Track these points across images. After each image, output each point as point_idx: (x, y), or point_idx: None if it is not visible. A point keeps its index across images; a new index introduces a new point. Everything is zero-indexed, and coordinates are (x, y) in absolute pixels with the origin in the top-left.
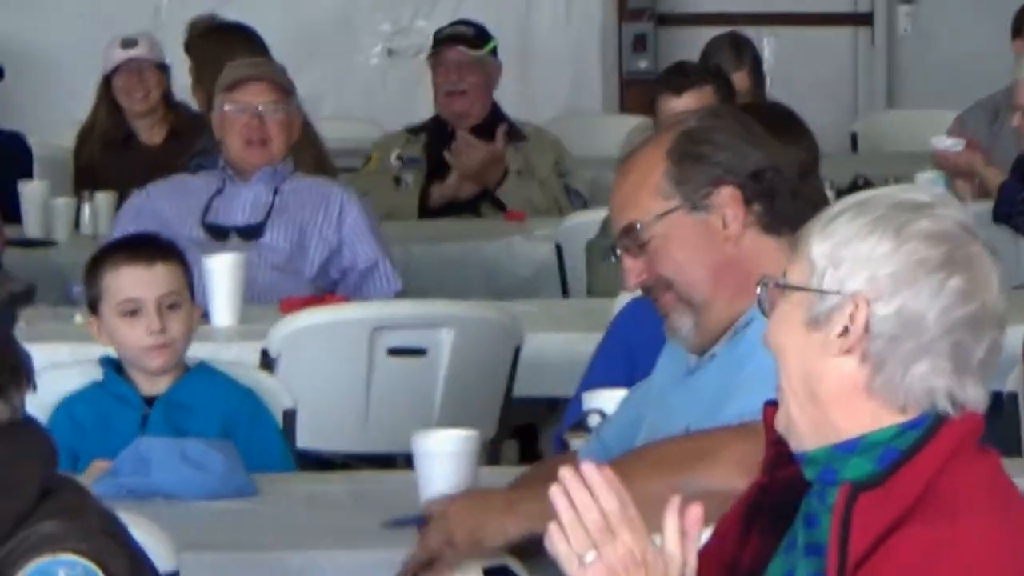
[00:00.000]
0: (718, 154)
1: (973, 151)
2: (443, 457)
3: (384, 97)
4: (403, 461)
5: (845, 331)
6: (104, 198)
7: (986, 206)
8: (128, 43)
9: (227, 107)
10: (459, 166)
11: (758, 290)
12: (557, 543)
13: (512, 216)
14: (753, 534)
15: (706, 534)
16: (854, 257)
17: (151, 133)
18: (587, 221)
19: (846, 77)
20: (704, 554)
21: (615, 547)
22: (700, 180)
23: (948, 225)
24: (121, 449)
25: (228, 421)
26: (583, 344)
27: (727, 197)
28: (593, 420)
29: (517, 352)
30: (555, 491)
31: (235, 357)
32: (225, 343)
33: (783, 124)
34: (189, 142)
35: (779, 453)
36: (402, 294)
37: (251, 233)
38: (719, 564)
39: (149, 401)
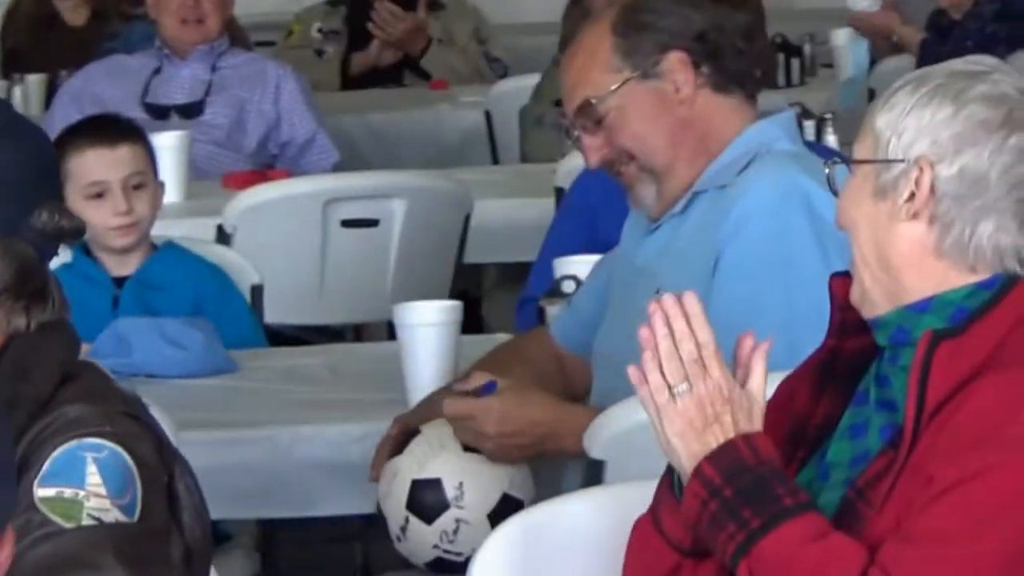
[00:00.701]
0: (662, 21)
1: (889, 11)
2: (428, 328)
3: None
4: (351, 333)
5: (911, 196)
6: (35, 80)
7: (906, 61)
8: None
9: None
10: (382, 35)
11: (826, 170)
12: (650, 371)
13: (436, 85)
14: (826, 394)
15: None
16: (916, 125)
17: (74, 14)
18: (516, 88)
19: None
20: (772, 408)
21: (706, 380)
22: (647, 49)
23: (1006, 88)
24: (94, 331)
25: (198, 299)
26: (527, 210)
27: (675, 62)
28: (567, 286)
29: (467, 220)
30: (653, 318)
31: (185, 233)
32: (175, 219)
33: None
34: (112, 22)
35: (845, 320)
36: (337, 166)
37: (191, 111)
38: (787, 418)
39: (119, 282)
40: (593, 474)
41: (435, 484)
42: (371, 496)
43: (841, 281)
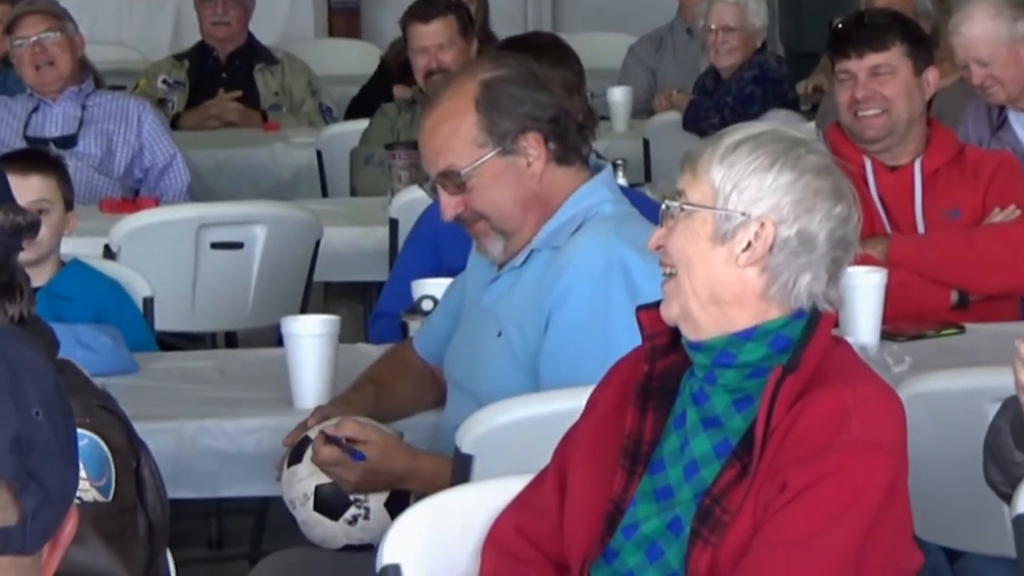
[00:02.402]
0: (521, 106)
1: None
2: (314, 338)
3: (130, 25)
4: (221, 339)
5: (748, 246)
6: None
7: (674, 116)
8: None
9: (14, 43)
10: (216, 123)
11: (663, 207)
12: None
13: (269, 127)
14: (647, 412)
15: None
16: (758, 185)
17: None
18: (343, 131)
19: (518, 5)
20: (595, 421)
21: None
22: (508, 127)
23: (827, 160)
24: None
25: (100, 308)
26: (364, 237)
27: (532, 141)
28: (427, 305)
29: (317, 244)
30: None
31: (71, 250)
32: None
33: (550, 49)
34: None
35: (654, 346)
36: (190, 188)
37: (66, 143)
38: (618, 434)
39: None
40: (463, 466)
41: (335, 486)
42: (263, 481)
43: (647, 313)
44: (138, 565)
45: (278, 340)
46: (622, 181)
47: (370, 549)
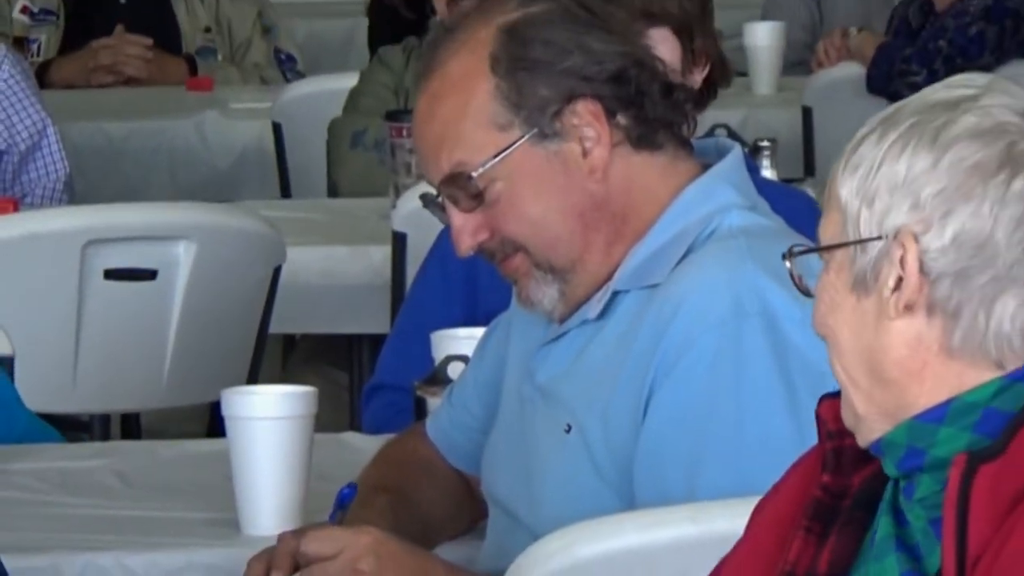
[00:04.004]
0: (563, 58)
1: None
2: (269, 423)
3: None
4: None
5: (899, 284)
6: None
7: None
8: None
9: None
10: (109, 77)
11: (787, 264)
12: None
13: (197, 84)
14: (829, 537)
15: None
16: (889, 185)
17: None
18: (316, 92)
19: None
20: (756, 554)
21: None
22: (546, 95)
23: (1000, 116)
24: None
25: None
26: (348, 263)
27: (585, 114)
28: (455, 370)
29: (276, 274)
30: None
31: None
32: None
33: None
34: None
35: (841, 449)
36: (70, 182)
37: None
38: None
39: None
40: None
41: None
42: None
43: (831, 405)
44: None
45: (213, 427)
46: (769, 173)
47: None
